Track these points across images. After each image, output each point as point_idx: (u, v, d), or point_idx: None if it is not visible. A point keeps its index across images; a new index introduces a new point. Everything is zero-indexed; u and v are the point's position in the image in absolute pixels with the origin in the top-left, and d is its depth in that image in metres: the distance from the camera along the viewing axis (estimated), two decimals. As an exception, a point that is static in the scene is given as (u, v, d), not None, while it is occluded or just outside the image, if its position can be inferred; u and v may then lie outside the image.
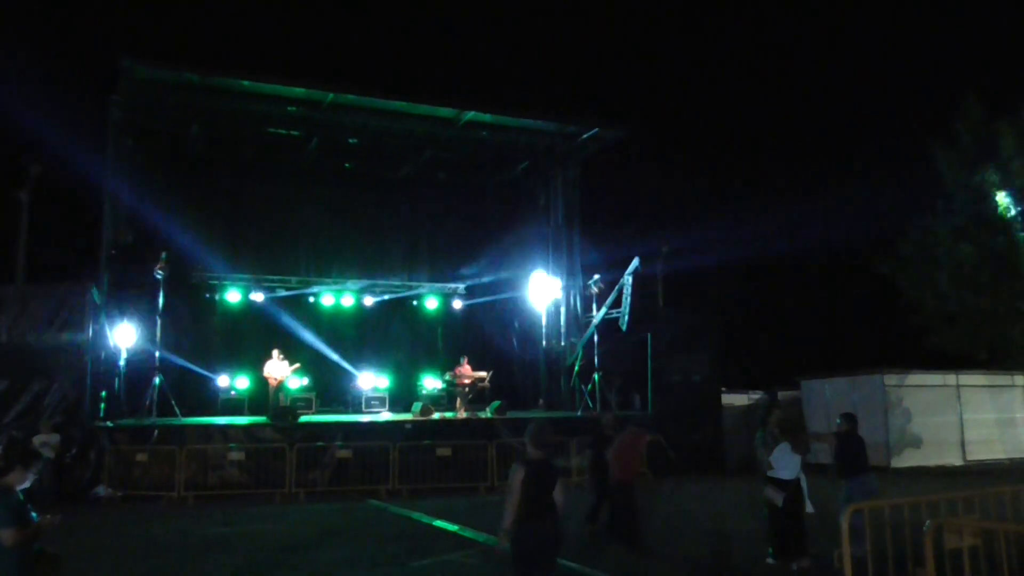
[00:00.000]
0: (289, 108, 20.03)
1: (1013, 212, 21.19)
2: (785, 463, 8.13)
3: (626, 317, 19.89)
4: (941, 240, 22.30)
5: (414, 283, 24.42)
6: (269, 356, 19.56)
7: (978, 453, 21.48)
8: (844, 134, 40.24)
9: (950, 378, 22.14)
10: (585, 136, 22.13)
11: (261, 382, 19.95)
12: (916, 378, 21.64)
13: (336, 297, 23.22)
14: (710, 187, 39.57)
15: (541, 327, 24.32)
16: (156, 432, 15.98)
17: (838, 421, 10.03)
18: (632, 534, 10.30)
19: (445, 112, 20.68)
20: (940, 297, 22.20)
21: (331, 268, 23.43)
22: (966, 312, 22.02)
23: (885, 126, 40.46)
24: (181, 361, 20.39)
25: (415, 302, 24.16)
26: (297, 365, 19.77)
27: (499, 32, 44.56)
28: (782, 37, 45.49)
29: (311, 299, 22.88)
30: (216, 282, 22.03)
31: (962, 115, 22.37)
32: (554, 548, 6.28)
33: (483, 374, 21.06)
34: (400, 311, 24.08)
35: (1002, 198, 21.16)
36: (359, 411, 21.05)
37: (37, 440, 13.68)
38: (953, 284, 21.81)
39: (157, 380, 17.52)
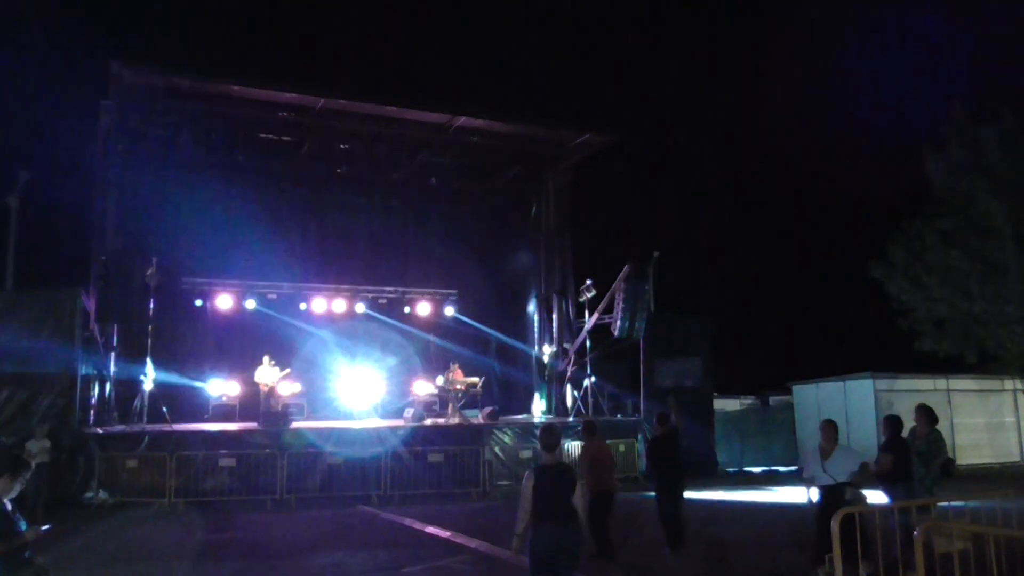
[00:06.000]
0: (280, 113, 20.01)
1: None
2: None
3: (618, 323, 19.86)
4: (931, 245, 22.38)
5: (405, 288, 24.39)
6: (260, 362, 19.51)
7: (968, 457, 21.56)
8: (835, 139, 40.43)
9: (940, 382, 22.26)
10: (576, 141, 22.13)
11: (252, 388, 19.89)
12: (906, 382, 21.75)
13: (327, 303, 23.16)
14: (702, 192, 39.73)
15: (533, 332, 24.32)
16: (146, 438, 15.92)
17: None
18: (604, 548, 10.08)
19: (436, 118, 20.67)
20: (930, 301, 22.22)
21: (322, 273, 23.36)
22: (956, 316, 22.05)
23: (875, 131, 40.65)
24: (171, 367, 20.31)
25: (407, 307, 24.13)
26: (288, 371, 19.71)
27: (490, 37, 44.64)
28: (773, 43, 45.66)
29: (302, 305, 22.82)
30: (207, 288, 21.95)
31: (950, 121, 22.45)
32: (572, 556, 6.00)
33: (475, 380, 21.04)
34: (391, 316, 24.03)
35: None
36: (350, 417, 21.00)
37: (30, 446, 13.59)
38: (943, 289, 21.85)
39: (147, 386, 17.42)
